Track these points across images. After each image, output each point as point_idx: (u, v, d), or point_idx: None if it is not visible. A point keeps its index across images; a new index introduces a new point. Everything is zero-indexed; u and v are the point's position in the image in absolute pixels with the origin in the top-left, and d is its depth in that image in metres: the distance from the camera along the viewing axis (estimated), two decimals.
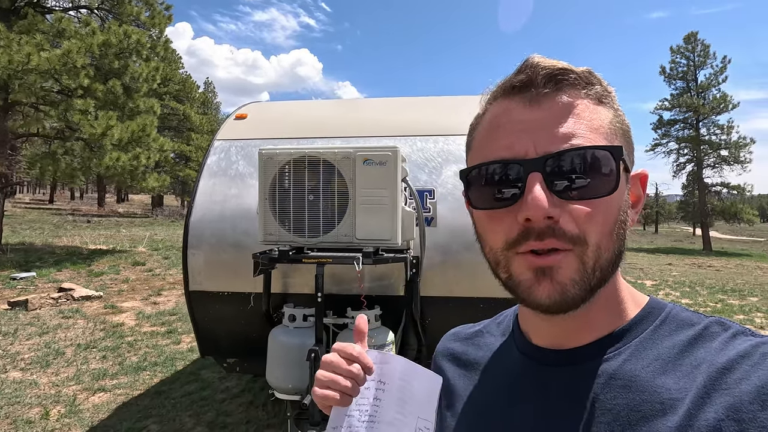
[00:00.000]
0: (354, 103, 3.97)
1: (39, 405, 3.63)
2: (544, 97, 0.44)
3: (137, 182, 11.54)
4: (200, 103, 34.34)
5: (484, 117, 0.49)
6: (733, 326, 0.45)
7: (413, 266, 2.46)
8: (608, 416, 0.42)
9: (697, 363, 0.42)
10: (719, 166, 27.45)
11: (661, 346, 0.45)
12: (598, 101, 0.45)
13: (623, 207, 0.44)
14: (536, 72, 0.44)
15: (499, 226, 0.44)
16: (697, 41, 27.67)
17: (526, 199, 0.41)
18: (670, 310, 0.48)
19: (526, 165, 0.42)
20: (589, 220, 0.42)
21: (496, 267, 0.46)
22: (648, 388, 0.42)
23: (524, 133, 0.43)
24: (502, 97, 0.47)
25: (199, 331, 2.97)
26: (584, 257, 0.42)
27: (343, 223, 2.22)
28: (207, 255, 2.83)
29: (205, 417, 3.49)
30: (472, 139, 0.50)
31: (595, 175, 0.42)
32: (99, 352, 4.85)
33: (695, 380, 0.41)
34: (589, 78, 0.45)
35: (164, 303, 7.01)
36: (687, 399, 0.40)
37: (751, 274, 13.58)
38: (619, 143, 0.45)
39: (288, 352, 2.31)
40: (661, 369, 0.43)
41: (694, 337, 0.45)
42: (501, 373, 0.54)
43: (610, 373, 0.45)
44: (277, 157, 2.29)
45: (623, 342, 0.46)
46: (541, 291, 0.42)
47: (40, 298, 6.51)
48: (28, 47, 8.29)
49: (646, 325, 0.47)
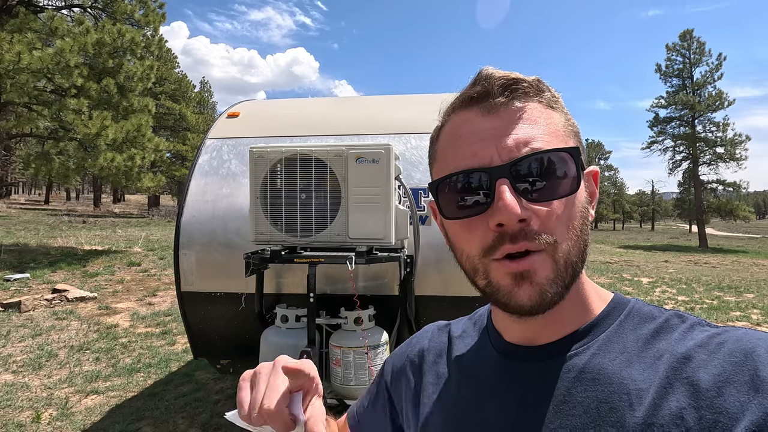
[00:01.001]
0: (348, 101, 3.93)
1: (30, 408, 3.59)
2: (502, 106, 0.46)
3: (132, 182, 11.46)
4: (196, 102, 34.23)
5: (444, 129, 0.50)
6: (690, 318, 0.48)
7: (407, 265, 2.43)
8: (579, 409, 0.44)
9: (659, 354, 0.45)
10: (715, 164, 27.59)
11: (626, 339, 0.47)
12: (550, 107, 0.47)
13: (584, 203, 0.47)
14: (491, 83, 0.46)
15: (473, 234, 0.46)
16: (692, 39, 27.78)
17: (497, 205, 0.43)
18: (633, 304, 0.51)
19: (493, 172, 0.44)
20: (556, 219, 0.44)
21: (474, 274, 0.48)
22: (615, 380, 0.44)
23: (486, 141, 0.45)
24: (461, 108, 0.48)
25: (192, 332, 2.94)
26: (556, 255, 0.44)
27: (335, 222, 2.19)
28: (199, 255, 2.79)
29: (199, 418, 3.46)
30: (435, 151, 0.52)
31: (558, 176, 0.44)
32: (92, 354, 4.81)
33: (658, 371, 0.43)
34: (539, 86, 0.47)
35: (159, 303, 6.96)
36: (651, 389, 0.42)
37: (747, 270, 13.64)
38: (574, 143, 0.48)
39: (280, 353, 2.25)
40: (627, 362, 0.45)
41: (656, 330, 0.47)
42: (476, 370, 0.55)
43: (580, 368, 0.46)
44: (268, 156, 2.25)
45: (591, 337, 0.48)
46: (521, 294, 0.44)
47: (34, 300, 6.45)
48: (20, 46, 8.21)
49: (611, 320, 0.49)
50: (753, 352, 0.41)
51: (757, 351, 0.40)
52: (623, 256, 17.67)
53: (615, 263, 14.26)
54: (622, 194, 58.49)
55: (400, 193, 2.48)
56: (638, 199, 60.07)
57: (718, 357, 0.42)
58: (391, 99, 3.61)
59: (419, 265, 2.48)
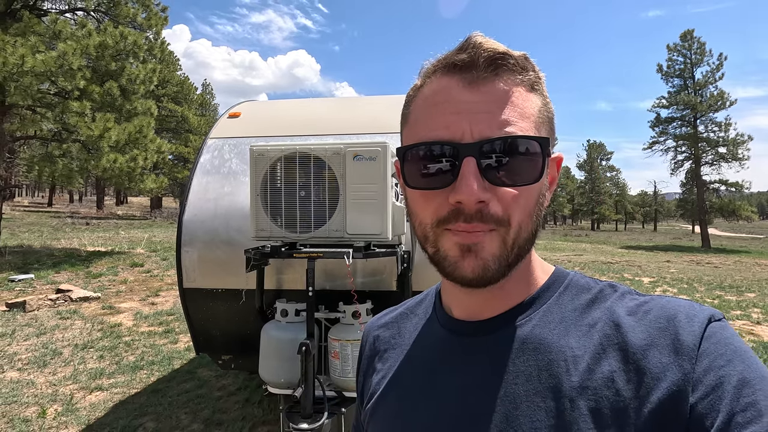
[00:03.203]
0: (347, 101, 3.98)
1: (36, 404, 3.65)
2: (484, 80, 0.45)
3: (135, 184, 11.54)
4: (198, 104, 34.34)
5: (421, 90, 0.49)
6: (621, 288, 0.50)
7: (404, 261, 2.48)
8: (522, 378, 0.46)
9: (593, 322, 0.47)
10: (717, 164, 27.50)
11: (564, 310, 0.49)
12: (531, 88, 0.47)
13: (543, 191, 0.48)
14: (478, 53, 0.45)
15: (430, 204, 0.46)
16: (693, 39, 27.73)
17: (460, 183, 0.43)
18: (572, 277, 0.53)
19: (462, 149, 0.44)
20: (514, 203, 0.44)
21: (425, 242, 0.48)
22: (554, 348, 0.46)
23: (462, 114, 0.45)
24: (442, 72, 0.47)
25: (194, 328, 2.99)
26: (506, 237, 0.45)
27: (333, 218, 2.24)
28: (200, 252, 2.84)
29: (202, 414, 3.51)
30: (409, 113, 0.51)
31: (524, 163, 0.44)
32: (96, 352, 4.87)
33: (592, 338, 0.46)
34: (525, 64, 0.46)
35: (162, 303, 7.02)
36: (586, 355, 0.45)
37: (749, 270, 13.60)
38: (546, 131, 0.48)
39: (280, 346, 2.33)
40: (565, 331, 0.47)
41: (591, 300, 0.49)
42: (424, 349, 0.56)
43: (522, 339, 0.48)
44: (268, 154, 2.31)
45: (533, 309, 0.50)
46: (466, 266, 0.45)
47: (38, 300, 6.52)
48: (23, 49, 8.30)
49: (551, 293, 0.51)
50: (675, 317, 0.44)
51: (678, 317, 0.43)
52: (625, 256, 17.65)
53: (616, 263, 14.25)
54: (624, 195, 58.31)
55: (397, 190, 2.53)
56: (640, 199, 59.87)
57: (644, 323, 0.44)
58: (390, 99, 3.66)
59: (416, 261, 2.53)
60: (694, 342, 0.41)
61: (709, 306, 0.46)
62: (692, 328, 0.42)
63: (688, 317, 0.43)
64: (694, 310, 0.44)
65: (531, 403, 0.44)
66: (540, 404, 0.44)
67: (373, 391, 0.58)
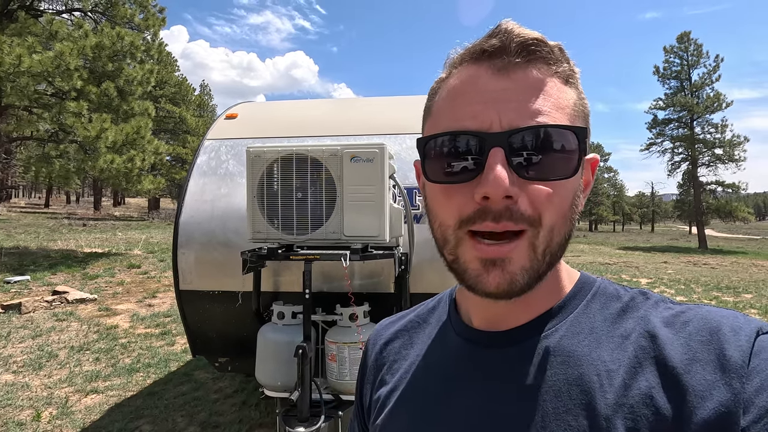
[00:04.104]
0: (345, 102, 3.98)
1: (31, 407, 3.62)
2: (515, 66, 0.41)
3: (132, 185, 11.50)
4: (196, 105, 34.31)
5: (447, 81, 0.45)
6: (654, 296, 0.47)
7: (402, 263, 2.46)
8: (550, 393, 0.42)
9: (627, 333, 0.43)
10: (714, 165, 27.61)
11: (593, 320, 0.46)
12: (565, 81, 0.43)
13: (578, 191, 0.43)
14: (509, 39, 0.41)
15: (452, 200, 0.42)
16: (690, 41, 27.85)
17: (487, 176, 0.39)
18: (600, 284, 0.49)
19: (489, 138, 0.40)
20: (547, 201, 0.40)
21: (444, 246, 0.45)
22: (585, 361, 0.43)
23: (490, 104, 0.41)
24: (470, 61, 0.44)
25: (190, 330, 2.97)
26: (536, 241, 0.41)
27: (331, 220, 2.23)
28: (197, 254, 2.82)
29: (198, 417, 3.49)
30: (432, 104, 0.47)
31: (558, 156, 0.40)
32: (92, 354, 4.84)
33: (626, 351, 0.42)
34: (560, 55, 0.43)
35: (159, 305, 6.98)
36: (621, 370, 0.41)
37: (746, 271, 13.65)
38: (582, 125, 0.43)
39: (277, 349, 2.32)
40: (596, 342, 0.44)
41: (622, 308, 0.46)
42: (439, 361, 0.52)
43: (549, 351, 0.45)
44: (264, 155, 2.29)
45: (559, 318, 0.46)
46: (490, 281, 0.41)
47: (34, 302, 6.48)
48: (20, 49, 8.27)
49: (578, 301, 0.48)
50: (719, 330, 0.40)
51: (722, 329, 0.40)
52: (622, 257, 17.68)
53: (614, 264, 14.28)
54: (622, 196, 58.48)
55: (395, 192, 2.52)
56: (638, 200, 60.07)
57: (683, 335, 0.41)
58: (388, 100, 3.66)
59: (414, 263, 2.52)
60: (742, 358, 0.38)
61: (755, 318, 0.42)
62: (739, 343, 0.39)
63: (734, 330, 0.40)
64: (739, 322, 0.40)
65: (561, 421, 0.40)
66: (572, 423, 0.40)
67: (381, 405, 0.54)
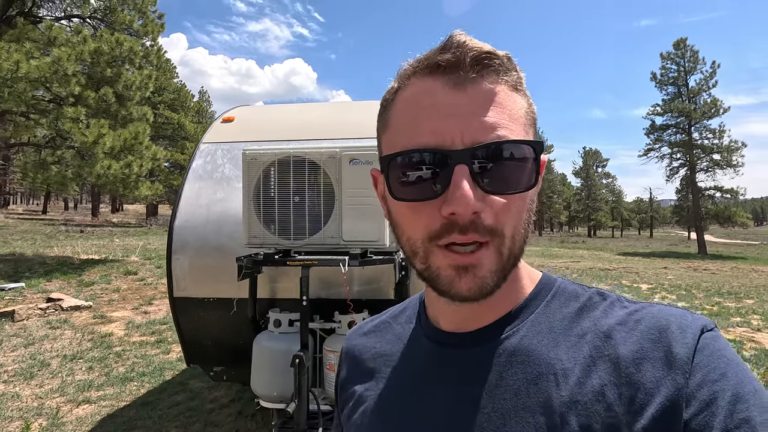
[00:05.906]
0: (342, 105, 3.93)
1: (20, 418, 3.52)
2: (470, 81, 0.42)
3: (130, 191, 11.43)
4: (195, 112, 34.36)
5: (401, 93, 0.46)
6: (610, 295, 0.49)
7: (403, 269, 2.40)
8: (510, 392, 0.44)
9: (583, 333, 0.45)
10: (712, 170, 27.73)
11: (552, 319, 0.47)
12: (515, 88, 0.45)
13: (533, 197, 0.46)
14: (464, 53, 0.42)
15: (419, 216, 0.43)
16: (686, 47, 28.09)
17: (453, 194, 0.40)
18: (560, 284, 0.51)
19: (453, 156, 0.41)
20: (507, 212, 0.42)
21: (413, 257, 0.45)
22: (543, 361, 0.44)
23: (450, 119, 0.42)
24: (423, 74, 0.44)
25: (185, 338, 2.89)
26: (501, 248, 0.43)
27: (329, 224, 2.17)
28: (192, 260, 2.76)
29: (193, 428, 3.39)
30: (388, 117, 0.47)
31: (518, 170, 0.42)
32: (85, 363, 4.74)
33: (582, 349, 0.44)
34: (509, 64, 0.44)
35: (155, 312, 6.89)
36: (576, 368, 0.43)
37: (746, 276, 13.61)
38: (533, 133, 0.46)
39: (273, 358, 2.24)
40: (554, 342, 0.46)
41: (580, 308, 0.48)
42: (409, 361, 0.54)
43: (511, 351, 0.46)
44: (261, 158, 2.24)
45: (520, 319, 0.48)
46: (462, 285, 0.43)
47: (28, 309, 6.38)
48: (18, 55, 8.24)
49: (539, 301, 0.49)
50: (667, 328, 0.42)
51: (670, 328, 0.42)
52: (622, 263, 17.64)
53: (614, 270, 14.22)
54: (620, 202, 58.67)
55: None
56: (636, 206, 60.27)
57: (635, 334, 0.43)
58: None
59: None
60: (687, 355, 0.40)
61: (699, 314, 0.44)
62: (685, 340, 0.41)
63: (681, 328, 0.42)
64: (686, 320, 0.43)
65: (520, 418, 0.42)
66: (529, 420, 0.42)
67: (354, 405, 0.55)
